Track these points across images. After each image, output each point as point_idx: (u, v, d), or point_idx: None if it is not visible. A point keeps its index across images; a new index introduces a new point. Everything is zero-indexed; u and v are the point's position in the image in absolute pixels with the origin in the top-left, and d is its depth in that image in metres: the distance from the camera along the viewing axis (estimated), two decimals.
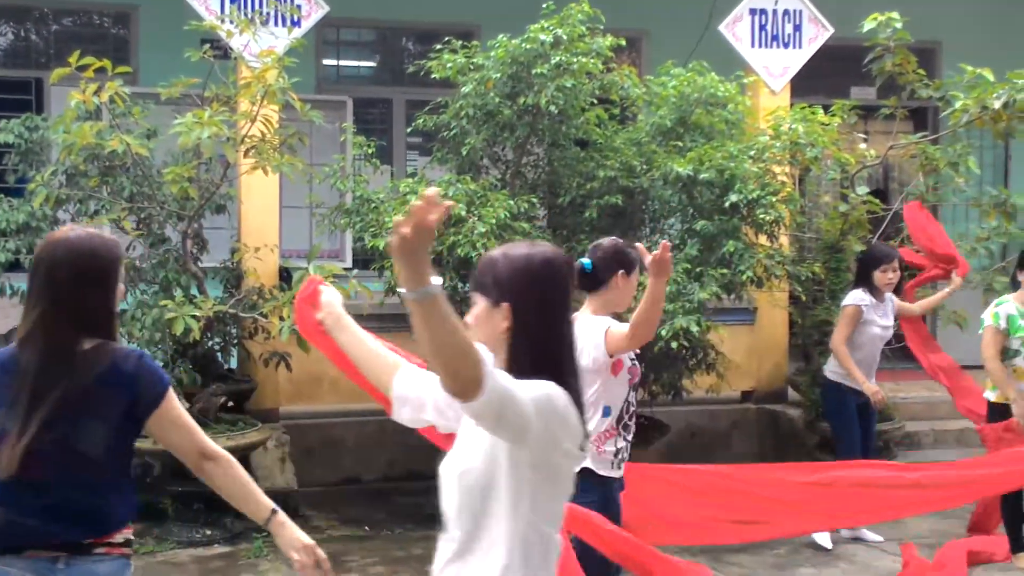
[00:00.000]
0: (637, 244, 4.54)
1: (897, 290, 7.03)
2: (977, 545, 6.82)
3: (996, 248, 8.33)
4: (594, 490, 4.28)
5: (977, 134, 8.57)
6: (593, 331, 4.34)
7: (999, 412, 6.39)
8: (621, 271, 4.46)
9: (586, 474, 4.16)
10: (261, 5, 8.16)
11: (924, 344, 7.74)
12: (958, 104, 7.56)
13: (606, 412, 4.44)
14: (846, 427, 6.97)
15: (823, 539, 6.95)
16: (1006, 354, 6.38)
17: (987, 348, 6.34)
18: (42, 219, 7.49)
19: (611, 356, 4.36)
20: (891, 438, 8.23)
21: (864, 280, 6.90)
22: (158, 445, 4.94)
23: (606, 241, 4.59)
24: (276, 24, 8.22)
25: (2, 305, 7.65)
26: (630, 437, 4.55)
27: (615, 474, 4.49)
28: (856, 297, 6.87)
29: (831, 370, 7.03)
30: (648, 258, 4.21)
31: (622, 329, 4.35)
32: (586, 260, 4.51)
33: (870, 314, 6.85)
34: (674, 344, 6.76)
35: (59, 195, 7.37)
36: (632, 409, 4.55)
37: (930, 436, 9.27)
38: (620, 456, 4.50)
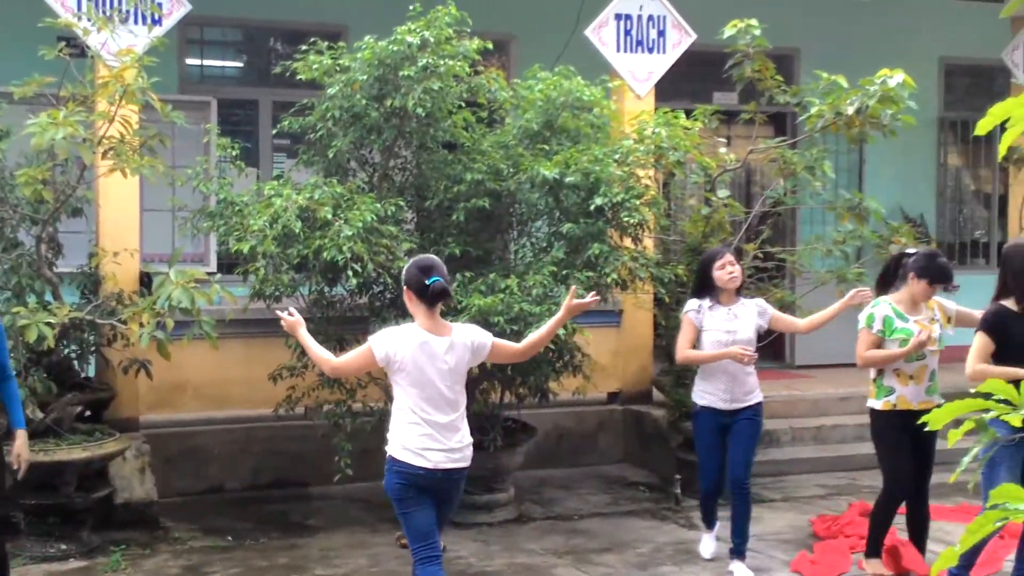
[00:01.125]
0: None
1: (740, 288, 6.79)
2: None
3: (851, 251, 8.58)
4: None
5: (833, 139, 8.81)
6: None
7: (882, 418, 6.24)
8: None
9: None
10: (120, 3, 7.95)
11: None
12: (814, 110, 7.78)
13: None
14: (698, 448, 6.79)
15: (705, 548, 6.94)
16: None
17: (859, 347, 6.24)
18: None
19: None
20: None
21: (704, 284, 6.59)
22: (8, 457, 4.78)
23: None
24: (136, 22, 8.01)
25: None
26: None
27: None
28: (688, 305, 6.64)
29: (694, 386, 6.79)
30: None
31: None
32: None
33: (709, 322, 6.54)
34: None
35: None
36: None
37: (788, 434, 9.51)
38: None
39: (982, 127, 2.14)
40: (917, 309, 6.23)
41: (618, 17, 9.29)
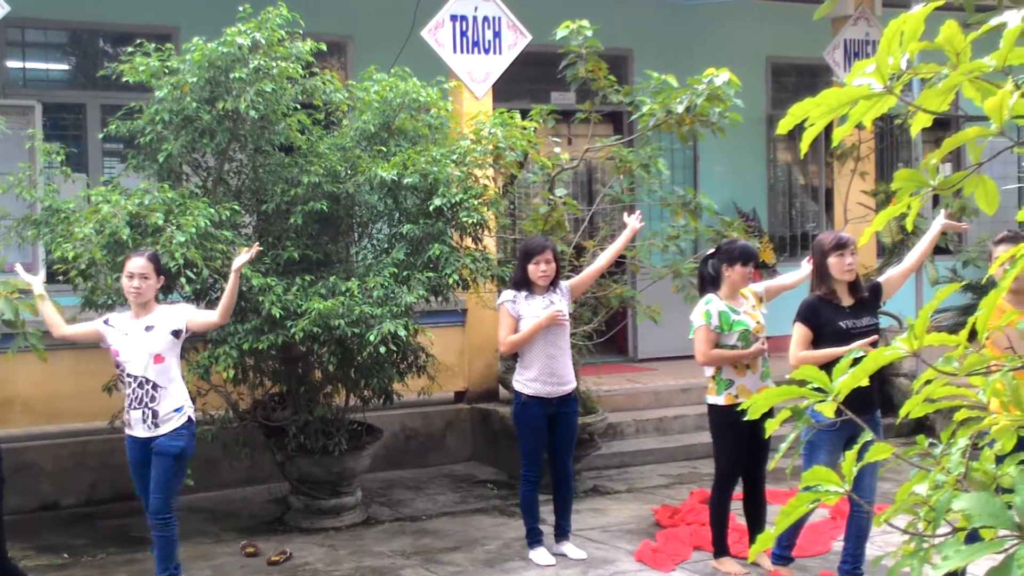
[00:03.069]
0: None
1: (555, 282, 6.81)
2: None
3: (687, 246, 8.80)
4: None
5: (668, 137, 9.02)
6: None
7: (725, 414, 6.25)
8: None
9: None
10: None
11: None
12: (645, 108, 7.96)
13: None
14: (526, 437, 6.77)
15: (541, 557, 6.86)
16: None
17: (701, 346, 6.25)
18: None
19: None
20: (595, 430, 8.54)
21: (522, 278, 6.71)
22: None
23: None
24: None
25: None
26: (129, 403, 6.01)
27: (126, 431, 6.10)
28: (504, 296, 6.75)
29: (515, 378, 6.84)
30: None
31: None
32: None
33: (525, 310, 6.64)
34: (383, 349, 6.78)
35: None
36: (127, 380, 6.00)
37: (632, 426, 9.71)
38: (125, 418, 6.12)
39: (783, 126, 2.22)
40: (738, 300, 6.43)
41: (454, 18, 9.32)
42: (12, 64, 10.18)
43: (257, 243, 6.42)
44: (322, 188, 7.41)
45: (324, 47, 7.73)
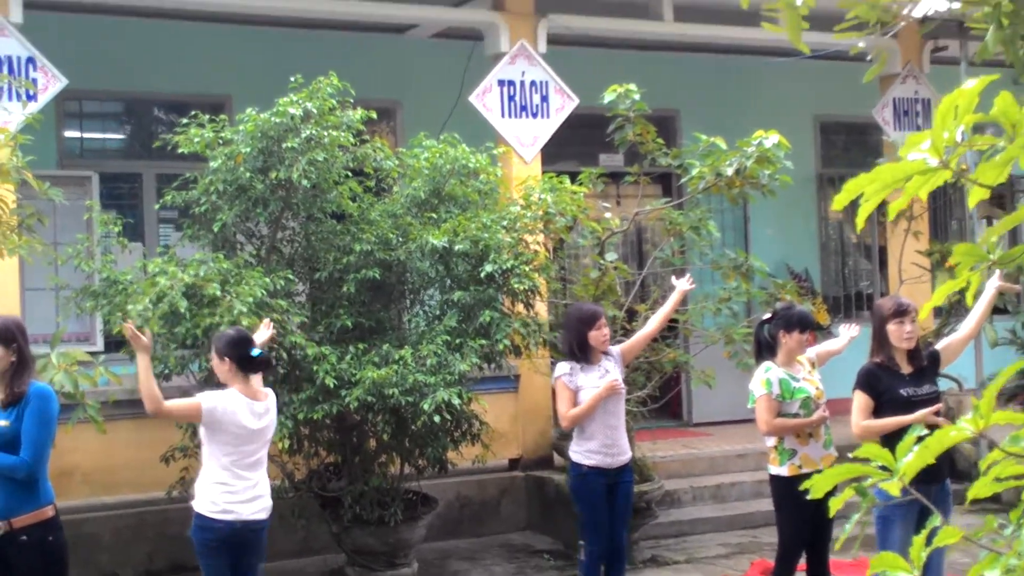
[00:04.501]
0: None
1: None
2: None
3: (740, 308, 8.72)
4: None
5: (718, 198, 8.99)
6: None
7: (788, 486, 6.00)
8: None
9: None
10: None
11: None
12: (695, 171, 7.94)
13: None
14: (589, 510, 6.65)
15: None
16: None
17: (765, 415, 6.09)
18: None
19: None
20: (652, 498, 8.41)
21: (581, 345, 6.58)
22: None
23: None
24: (10, 99, 7.83)
25: None
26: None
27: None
28: (559, 369, 6.66)
29: (572, 449, 6.73)
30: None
31: None
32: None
33: (584, 381, 6.53)
34: (437, 418, 6.75)
35: None
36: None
37: (689, 494, 9.56)
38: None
39: (838, 202, 2.20)
40: (795, 367, 6.31)
41: (501, 83, 9.39)
42: (69, 134, 10.36)
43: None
44: (374, 256, 7.44)
45: (374, 114, 7.80)
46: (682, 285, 6.93)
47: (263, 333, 6.01)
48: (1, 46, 7.99)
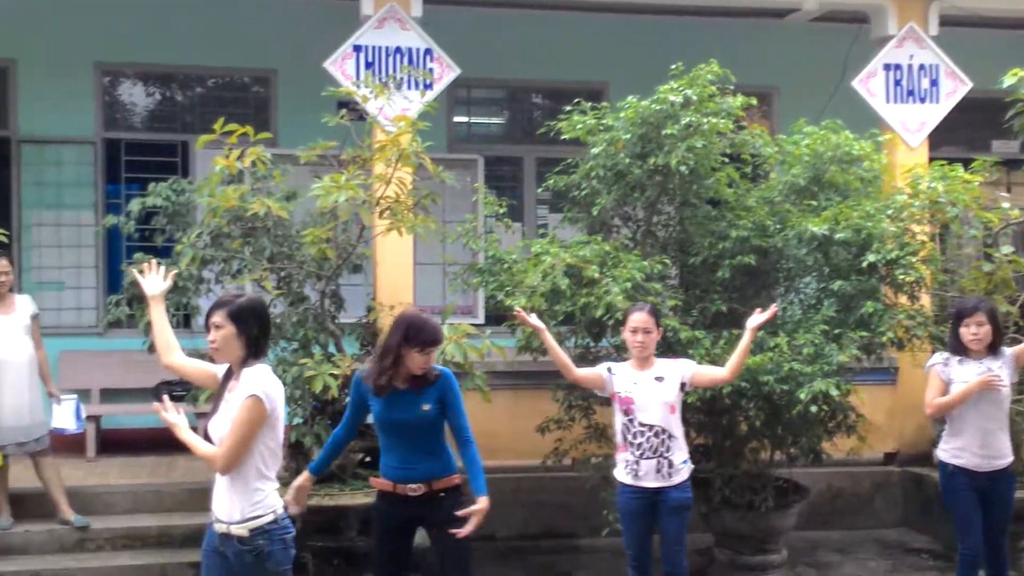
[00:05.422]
0: None
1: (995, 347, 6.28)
2: None
3: None
4: (618, 492, 6.07)
5: None
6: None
7: None
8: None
9: (615, 479, 6.11)
10: (395, 70, 8.37)
11: None
12: None
13: (616, 432, 6.11)
14: (956, 511, 6.37)
15: None
16: None
17: None
18: (188, 279, 7.71)
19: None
20: None
21: (955, 341, 6.36)
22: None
23: None
24: (409, 88, 8.40)
25: (150, 360, 7.89)
26: (640, 453, 5.96)
27: (627, 480, 6.00)
28: (934, 358, 6.41)
29: (940, 447, 6.51)
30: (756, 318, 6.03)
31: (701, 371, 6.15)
32: None
33: (957, 374, 6.28)
34: (813, 408, 6.65)
35: (204, 255, 7.58)
36: (634, 430, 5.96)
37: None
38: (630, 467, 5.97)
39: None
40: None
41: (887, 67, 9.06)
42: (458, 119, 11.00)
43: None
44: (750, 242, 7.41)
45: (754, 101, 7.74)
46: None
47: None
48: (402, 39, 8.58)
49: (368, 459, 7.79)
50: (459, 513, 5.36)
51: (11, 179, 10.07)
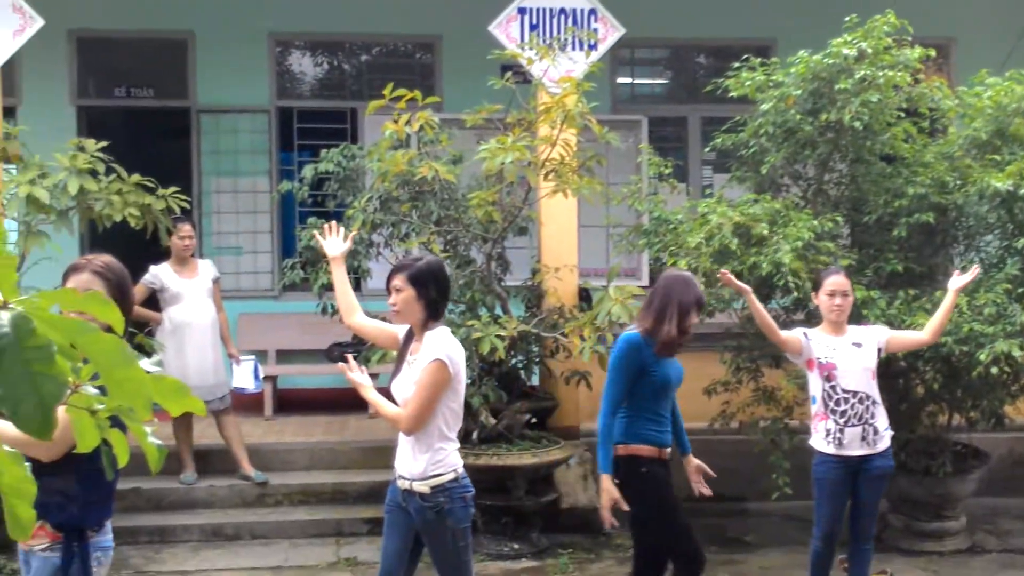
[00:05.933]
0: None
1: None
2: None
3: None
4: (817, 462, 5.80)
5: None
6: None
7: None
8: None
9: (814, 449, 5.83)
10: (559, 31, 8.33)
11: None
12: None
13: (813, 400, 5.84)
14: None
15: None
16: None
17: None
18: (359, 242, 7.90)
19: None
20: None
21: None
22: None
23: None
24: (574, 48, 8.35)
25: (323, 322, 8.16)
26: (845, 421, 5.68)
27: (829, 450, 5.72)
28: None
29: None
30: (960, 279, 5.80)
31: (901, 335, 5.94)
32: None
33: None
34: (994, 370, 6.40)
35: (374, 219, 7.76)
36: (837, 397, 5.69)
37: None
38: (833, 435, 5.69)
39: None
40: None
41: None
42: (621, 80, 10.92)
43: None
44: (928, 199, 7.16)
45: (933, 53, 7.45)
46: None
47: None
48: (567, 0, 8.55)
49: (534, 420, 7.88)
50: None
51: (191, 148, 10.49)
